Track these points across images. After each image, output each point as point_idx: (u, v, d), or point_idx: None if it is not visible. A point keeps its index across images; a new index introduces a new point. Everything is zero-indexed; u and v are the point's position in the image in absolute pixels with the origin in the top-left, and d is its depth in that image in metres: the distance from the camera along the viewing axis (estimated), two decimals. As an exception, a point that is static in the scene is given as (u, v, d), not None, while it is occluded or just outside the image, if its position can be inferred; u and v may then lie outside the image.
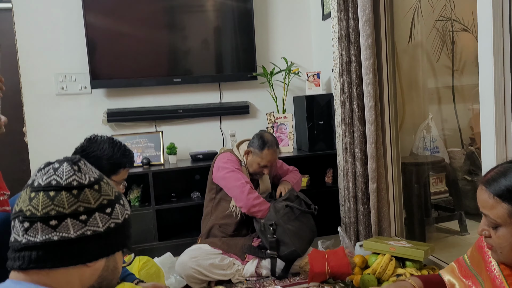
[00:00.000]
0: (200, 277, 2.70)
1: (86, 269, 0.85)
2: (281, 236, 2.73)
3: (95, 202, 0.85)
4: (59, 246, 0.81)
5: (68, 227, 0.81)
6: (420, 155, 3.86)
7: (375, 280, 2.40)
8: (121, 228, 0.89)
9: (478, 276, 1.32)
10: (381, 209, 3.01)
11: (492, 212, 1.12)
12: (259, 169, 2.95)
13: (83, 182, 0.85)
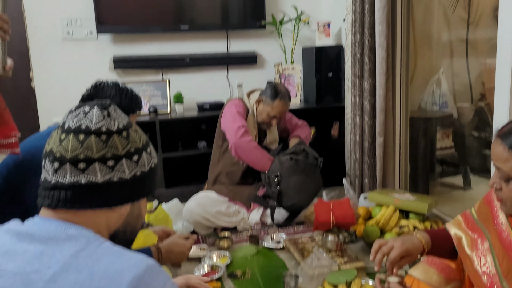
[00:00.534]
0: (206, 223, 2.76)
1: (112, 213, 0.88)
2: (284, 188, 2.76)
3: (123, 149, 0.86)
4: (86, 189, 0.83)
5: (96, 171, 0.83)
6: (428, 110, 3.84)
7: (378, 231, 2.45)
8: (146, 176, 0.90)
9: (484, 229, 1.33)
10: (387, 162, 3.02)
11: (506, 165, 1.12)
12: (268, 119, 2.94)
13: (112, 128, 0.86)
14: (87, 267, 0.75)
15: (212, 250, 2.54)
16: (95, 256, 0.77)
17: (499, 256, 1.22)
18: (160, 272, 0.79)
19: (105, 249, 0.79)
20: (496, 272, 1.21)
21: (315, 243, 2.47)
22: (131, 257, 0.78)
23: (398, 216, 2.50)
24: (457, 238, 1.40)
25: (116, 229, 0.90)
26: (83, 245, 0.78)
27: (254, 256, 2.47)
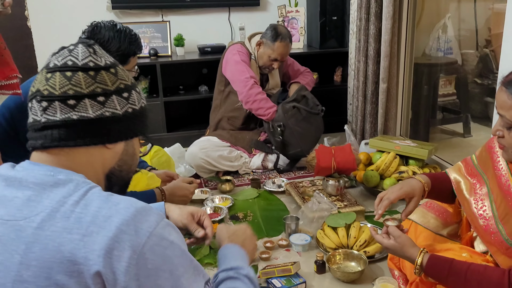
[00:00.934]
0: (208, 167, 2.80)
1: (107, 151, 0.87)
2: (288, 137, 2.77)
3: (112, 84, 0.85)
4: (79, 124, 0.81)
5: (87, 107, 0.81)
6: (433, 56, 3.78)
7: (377, 176, 2.49)
8: (138, 114, 0.90)
9: (483, 174, 1.36)
10: (389, 109, 3.02)
11: (509, 112, 1.13)
12: (269, 62, 2.89)
13: (100, 63, 0.85)
14: (75, 213, 0.74)
15: (214, 193, 2.60)
16: (83, 202, 0.75)
17: (496, 201, 1.26)
18: (150, 213, 0.78)
19: (93, 194, 0.77)
20: (493, 215, 1.25)
21: (315, 188, 2.52)
22: (119, 201, 0.77)
23: (398, 162, 2.53)
24: (456, 182, 1.43)
25: (111, 167, 0.89)
26: (71, 190, 0.77)
27: (255, 199, 2.53)
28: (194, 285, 0.79)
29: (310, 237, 2.02)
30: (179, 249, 0.78)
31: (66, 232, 0.72)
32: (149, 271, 0.73)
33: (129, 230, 0.73)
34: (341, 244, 1.95)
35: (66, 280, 0.70)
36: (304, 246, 1.99)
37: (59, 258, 0.70)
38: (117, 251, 0.71)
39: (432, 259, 1.25)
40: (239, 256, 1.03)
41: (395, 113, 3.04)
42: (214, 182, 2.74)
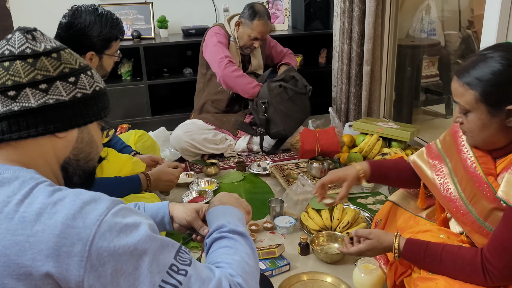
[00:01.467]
0: (194, 150, 2.80)
1: (58, 140, 0.83)
2: (272, 115, 2.78)
3: (55, 70, 0.81)
4: (21, 116, 0.78)
5: (28, 97, 0.78)
6: (416, 37, 3.80)
7: (361, 158, 2.52)
8: (90, 99, 0.85)
9: (445, 157, 1.41)
10: (373, 91, 3.04)
11: (462, 99, 1.20)
12: (249, 41, 2.87)
13: (38, 49, 0.80)
14: (18, 213, 0.70)
15: (200, 177, 2.61)
16: (27, 201, 0.72)
17: (461, 183, 1.31)
18: (100, 201, 0.74)
19: (38, 191, 0.73)
20: (460, 197, 1.30)
21: (300, 170, 2.55)
22: (65, 196, 0.73)
23: (381, 144, 2.57)
24: (416, 165, 1.49)
25: (66, 158, 0.85)
26: (16, 189, 0.73)
27: (240, 182, 2.55)
28: (161, 257, 0.75)
29: (295, 220, 2.06)
30: (137, 229, 0.73)
31: (10, 234, 0.69)
32: (105, 258, 0.69)
33: (76, 223, 0.69)
34: (325, 226, 1.99)
35: (15, 284, 0.68)
36: (288, 229, 2.03)
37: (5, 261, 0.68)
38: (65, 247, 0.68)
39: (408, 243, 1.30)
40: (220, 214, 0.99)
41: (378, 95, 3.07)
42: (200, 166, 2.76)
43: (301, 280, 1.72)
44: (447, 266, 1.22)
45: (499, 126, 1.18)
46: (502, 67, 1.13)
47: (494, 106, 1.15)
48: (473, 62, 1.18)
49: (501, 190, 1.13)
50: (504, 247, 1.12)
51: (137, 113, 3.37)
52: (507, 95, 1.13)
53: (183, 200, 2.31)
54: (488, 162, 1.25)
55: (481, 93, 1.15)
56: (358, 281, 1.62)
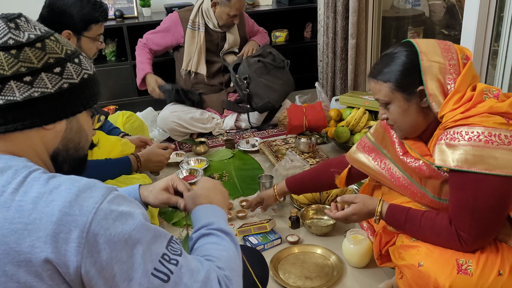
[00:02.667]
0: (181, 129, 2.81)
1: (46, 132, 0.82)
2: (254, 89, 2.78)
3: (39, 61, 0.78)
4: (6, 110, 0.76)
5: (13, 90, 0.76)
6: (401, 8, 3.79)
7: (348, 131, 2.55)
8: (78, 88, 0.83)
9: (382, 149, 1.51)
10: (358, 64, 3.06)
11: (380, 94, 1.33)
12: (229, 19, 2.82)
13: (21, 40, 0.78)
14: (15, 201, 0.71)
15: (189, 156, 2.63)
16: (22, 189, 0.72)
17: (406, 170, 1.40)
18: (95, 189, 0.74)
19: (32, 179, 0.74)
20: (411, 182, 1.39)
21: (288, 146, 2.58)
22: (60, 183, 0.74)
23: (367, 117, 2.60)
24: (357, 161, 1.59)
25: (55, 148, 0.85)
26: (10, 178, 0.74)
27: (230, 160, 2.58)
28: (154, 247, 0.76)
29: (284, 194, 2.09)
30: (131, 217, 0.75)
31: (8, 223, 0.70)
32: (101, 245, 0.71)
33: (72, 211, 0.71)
34: (314, 200, 2.03)
35: (15, 270, 0.69)
36: (278, 204, 2.07)
37: (4, 249, 0.69)
38: (63, 233, 0.70)
39: (391, 208, 1.37)
40: (209, 212, 1.00)
41: (364, 68, 3.09)
42: (189, 145, 2.77)
43: (292, 253, 1.77)
44: (426, 231, 1.28)
45: (417, 109, 1.31)
46: (405, 58, 1.29)
47: (407, 91, 1.29)
48: (382, 62, 1.33)
49: (437, 159, 1.24)
50: (461, 208, 1.21)
51: (123, 93, 3.35)
52: (415, 78, 1.28)
53: (173, 180, 2.33)
54: (421, 146, 1.36)
55: (394, 83, 1.29)
56: (348, 252, 1.68)
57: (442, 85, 1.26)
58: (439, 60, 1.27)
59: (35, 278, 0.70)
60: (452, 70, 1.27)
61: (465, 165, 1.17)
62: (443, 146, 1.23)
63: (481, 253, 1.21)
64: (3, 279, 0.69)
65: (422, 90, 1.27)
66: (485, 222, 1.20)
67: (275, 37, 3.70)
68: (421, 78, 1.27)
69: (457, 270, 1.20)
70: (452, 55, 1.28)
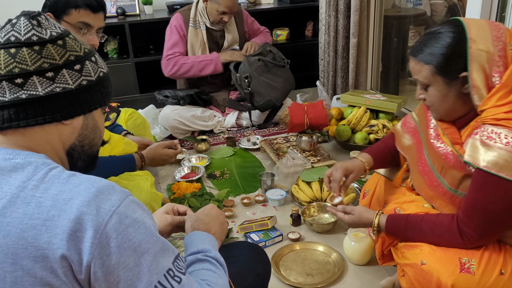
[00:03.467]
0: (183, 127, 2.82)
1: (64, 127, 0.84)
2: (255, 87, 2.79)
3: (61, 58, 0.81)
4: (28, 104, 0.78)
5: (35, 85, 0.78)
6: (402, 7, 3.80)
7: (349, 130, 2.56)
8: (95, 85, 0.86)
9: (421, 132, 1.48)
10: (360, 63, 3.06)
11: (420, 75, 1.27)
12: (218, 16, 2.81)
13: (44, 36, 0.80)
14: (35, 198, 0.72)
15: (191, 153, 2.64)
16: (42, 186, 0.74)
17: (430, 155, 1.38)
18: (113, 192, 0.76)
19: (53, 177, 0.75)
20: (432, 170, 1.36)
21: (289, 144, 2.58)
22: (80, 182, 0.75)
23: (368, 116, 2.61)
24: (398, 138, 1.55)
25: (71, 144, 0.86)
26: (30, 174, 0.75)
27: (231, 157, 2.58)
28: (161, 259, 0.78)
29: (286, 192, 2.10)
30: (143, 226, 0.76)
31: (28, 218, 0.71)
32: (112, 249, 0.72)
33: (90, 210, 0.72)
34: (315, 198, 2.04)
35: (32, 265, 0.70)
36: (280, 201, 2.08)
37: (22, 244, 0.70)
38: (79, 232, 0.71)
39: (390, 219, 1.37)
40: (206, 240, 1.01)
41: (365, 67, 3.09)
42: (190, 142, 2.78)
43: (293, 250, 1.78)
44: (428, 235, 1.28)
45: (457, 95, 1.25)
46: (451, 40, 1.21)
47: (449, 76, 1.23)
48: (425, 41, 1.26)
49: (467, 154, 1.19)
50: (475, 207, 1.20)
51: (125, 91, 3.36)
52: (459, 64, 1.21)
53: (175, 177, 2.34)
54: (454, 133, 1.32)
55: (436, 66, 1.23)
56: (349, 249, 1.69)
57: (487, 77, 1.19)
58: (488, 49, 1.18)
59: (51, 274, 0.71)
60: (501, 62, 1.19)
61: (495, 168, 1.13)
62: (477, 142, 1.17)
63: (483, 252, 1.22)
64: (20, 273, 0.70)
65: (466, 76, 1.20)
66: (494, 224, 1.20)
67: (276, 36, 3.70)
68: (465, 63, 1.19)
69: (460, 269, 1.20)
70: (502, 45, 1.19)
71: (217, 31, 2.92)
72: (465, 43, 1.19)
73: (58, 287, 0.71)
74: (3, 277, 0.70)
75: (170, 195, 2.19)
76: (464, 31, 1.20)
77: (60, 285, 0.71)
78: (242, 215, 2.04)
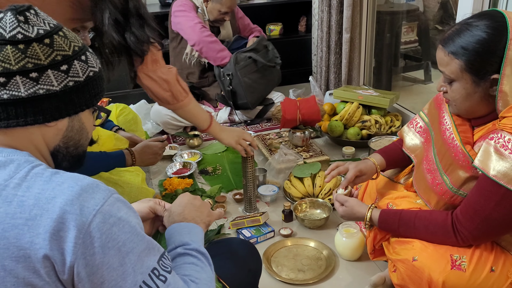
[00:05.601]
0: (175, 122, 2.80)
1: (48, 129, 0.82)
2: (236, 87, 2.79)
3: (46, 58, 0.78)
4: (10, 104, 0.76)
5: (18, 85, 0.76)
6: (395, 3, 3.80)
7: (341, 125, 2.56)
8: (83, 86, 0.83)
9: (431, 130, 1.44)
10: (352, 58, 3.06)
11: (447, 68, 1.20)
12: (220, 16, 2.85)
13: (30, 35, 0.77)
14: (17, 196, 0.71)
15: (183, 149, 2.62)
16: (24, 184, 0.72)
17: (439, 153, 1.34)
18: (97, 190, 0.74)
19: (35, 175, 0.74)
20: (437, 168, 1.33)
21: (282, 140, 2.58)
22: (63, 181, 0.74)
23: (361, 112, 2.61)
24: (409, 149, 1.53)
25: (55, 145, 0.84)
26: (12, 172, 0.74)
27: (224, 153, 2.57)
28: (146, 259, 0.76)
29: (278, 188, 2.10)
30: (128, 225, 0.75)
31: (9, 218, 0.70)
32: (95, 249, 0.71)
33: (73, 209, 0.70)
34: (307, 193, 2.04)
35: (14, 265, 0.69)
36: (272, 197, 2.07)
37: (4, 244, 0.69)
38: (62, 232, 0.70)
39: (383, 214, 1.36)
40: (183, 232, 0.97)
41: (358, 62, 3.09)
42: (182, 138, 2.77)
43: (285, 245, 1.78)
44: (421, 231, 1.28)
45: (482, 95, 1.19)
46: (487, 36, 1.12)
47: (479, 75, 1.15)
48: (458, 31, 1.17)
49: (478, 159, 1.15)
50: (476, 211, 1.17)
51: (117, 86, 3.33)
52: (492, 64, 1.13)
53: (167, 172, 2.33)
54: (467, 131, 1.28)
55: (466, 63, 1.15)
56: (340, 245, 1.69)
57: None
58: None
59: (33, 274, 0.70)
60: None
61: (504, 180, 1.09)
62: (491, 149, 1.12)
63: (475, 250, 1.22)
64: (2, 273, 0.69)
65: (496, 79, 1.13)
66: (491, 230, 1.18)
67: (269, 31, 3.69)
68: (499, 65, 1.11)
69: (451, 266, 1.20)
70: None
71: (213, 26, 2.92)
72: (504, 43, 1.10)
73: (41, 287, 0.70)
74: None
75: (162, 191, 2.18)
76: (506, 29, 1.10)
77: (43, 286, 0.70)
78: (234, 211, 2.04)
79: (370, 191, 1.68)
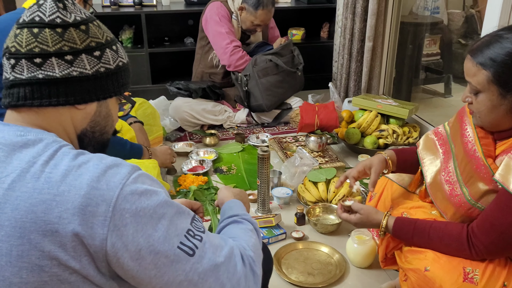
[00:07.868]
0: (193, 120, 2.83)
1: (77, 112, 0.85)
2: (252, 88, 2.80)
3: (82, 43, 0.82)
4: (44, 84, 0.80)
5: (53, 66, 0.80)
6: (419, 15, 3.78)
7: (359, 133, 2.55)
8: (113, 74, 0.87)
9: (451, 143, 1.42)
10: (373, 67, 3.05)
11: (474, 79, 1.19)
12: (252, 27, 2.88)
13: (68, 20, 0.81)
14: (44, 173, 0.73)
15: (199, 147, 2.64)
16: (52, 162, 0.75)
17: (460, 165, 1.33)
18: (121, 166, 0.77)
19: (62, 154, 0.76)
20: (457, 180, 1.32)
21: (298, 143, 2.58)
22: (88, 159, 0.76)
23: (379, 121, 2.60)
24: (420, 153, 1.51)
25: (83, 129, 0.88)
26: (41, 150, 0.76)
27: (239, 153, 2.58)
28: (178, 222, 0.79)
29: (291, 191, 2.10)
30: (155, 194, 0.77)
31: (37, 193, 0.72)
32: (127, 219, 0.73)
33: (100, 185, 0.73)
34: (321, 198, 2.04)
35: (40, 239, 0.71)
36: (285, 199, 2.08)
37: (31, 218, 0.71)
38: (90, 207, 0.72)
39: (398, 222, 1.35)
40: (238, 207, 1.08)
41: (379, 71, 3.08)
42: (199, 136, 2.78)
43: (296, 248, 1.78)
44: (435, 242, 1.27)
45: (508, 108, 1.17)
46: None
47: (505, 87, 1.15)
48: (487, 42, 1.16)
49: (499, 173, 1.14)
50: (493, 225, 1.16)
51: (137, 81, 3.37)
52: None
53: (182, 169, 2.35)
54: (489, 144, 1.27)
55: (494, 74, 1.14)
56: (352, 251, 1.68)
57: None
58: None
59: (59, 249, 0.71)
60: None
61: None
62: None
63: (488, 264, 1.21)
64: (27, 246, 0.71)
65: None
66: (508, 245, 1.17)
67: (291, 35, 3.70)
68: None
69: (463, 278, 1.19)
70: None
71: (244, 33, 2.97)
72: None
73: (65, 261, 0.72)
74: (9, 251, 0.71)
75: (176, 187, 2.19)
76: None
77: (67, 260, 0.72)
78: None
79: (385, 200, 1.67)
